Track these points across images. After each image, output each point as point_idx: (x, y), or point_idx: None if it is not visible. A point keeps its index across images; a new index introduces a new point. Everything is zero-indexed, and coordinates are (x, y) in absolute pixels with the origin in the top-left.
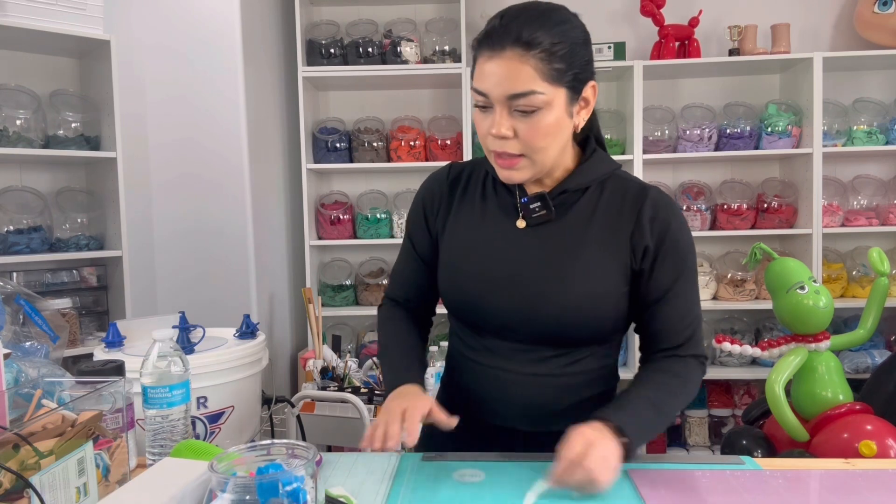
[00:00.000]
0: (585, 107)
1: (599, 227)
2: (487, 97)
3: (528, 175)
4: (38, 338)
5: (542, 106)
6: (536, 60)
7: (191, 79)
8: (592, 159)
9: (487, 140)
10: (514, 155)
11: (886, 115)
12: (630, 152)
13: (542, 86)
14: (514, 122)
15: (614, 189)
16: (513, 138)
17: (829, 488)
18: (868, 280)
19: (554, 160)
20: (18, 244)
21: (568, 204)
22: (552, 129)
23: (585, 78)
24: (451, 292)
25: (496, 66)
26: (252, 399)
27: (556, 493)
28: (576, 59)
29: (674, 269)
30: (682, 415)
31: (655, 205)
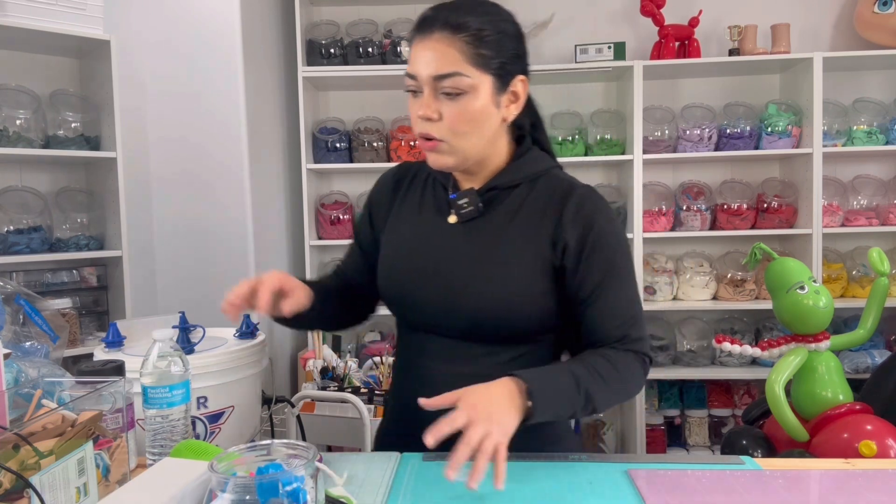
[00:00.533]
0: (515, 101)
1: (522, 224)
2: (416, 79)
3: (452, 161)
4: (38, 338)
5: (468, 90)
6: (462, 44)
7: (191, 79)
8: (526, 157)
9: (416, 123)
10: (436, 138)
11: (886, 115)
12: (630, 152)
13: (468, 69)
14: (440, 104)
15: (544, 187)
16: (438, 121)
17: (829, 488)
18: (868, 280)
19: (479, 150)
20: (18, 244)
21: (497, 200)
22: (476, 116)
23: (514, 70)
24: (385, 286)
25: (424, 49)
26: (252, 399)
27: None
28: (503, 48)
29: (600, 268)
30: (682, 415)
31: (580, 202)
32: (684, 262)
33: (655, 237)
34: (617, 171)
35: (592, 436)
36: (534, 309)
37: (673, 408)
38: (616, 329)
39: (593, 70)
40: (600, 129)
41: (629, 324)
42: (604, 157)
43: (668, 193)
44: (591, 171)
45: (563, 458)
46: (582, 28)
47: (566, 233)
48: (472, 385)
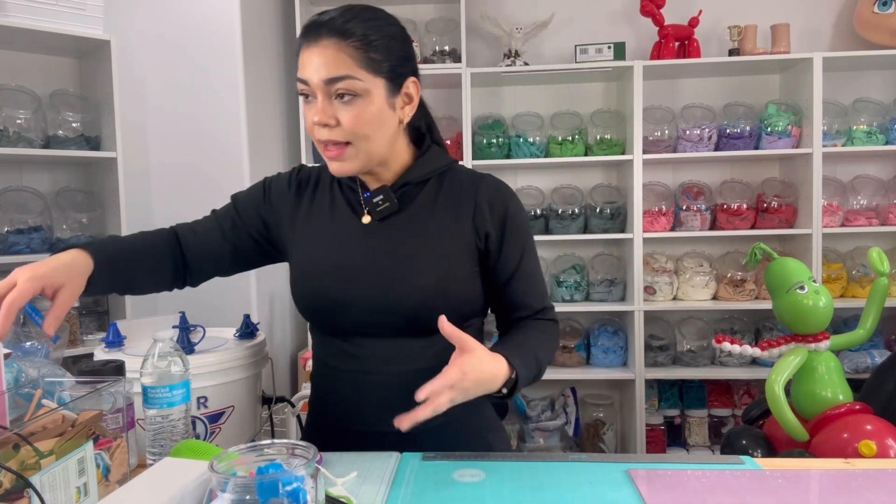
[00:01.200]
0: (409, 102)
1: (442, 214)
2: (308, 85)
3: (356, 166)
4: (38, 338)
5: (361, 93)
6: (352, 48)
7: (191, 79)
8: (429, 153)
9: (314, 131)
10: (341, 143)
11: (886, 115)
12: (630, 152)
13: (359, 72)
14: (335, 110)
15: (452, 180)
16: (336, 126)
17: (829, 488)
18: (868, 280)
19: (382, 152)
20: (18, 244)
21: (410, 196)
22: (374, 119)
23: (405, 73)
24: (308, 297)
25: (314, 55)
26: (252, 399)
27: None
28: (392, 52)
29: (518, 247)
30: (682, 415)
31: (491, 191)
32: (684, 262)
33: (655, 237)
34: (617, 171)
35: (592, 436)
36: (466, 293)
37: (673, 408)
38: (536, 301)
39: (593, 70)
40: (600, 129)
41: (544, 295)
42: (604, 157)
43: (668, 193)
44: (591, 171)
45: (563, 458)
46: (582, 28)
47: (486, 220)
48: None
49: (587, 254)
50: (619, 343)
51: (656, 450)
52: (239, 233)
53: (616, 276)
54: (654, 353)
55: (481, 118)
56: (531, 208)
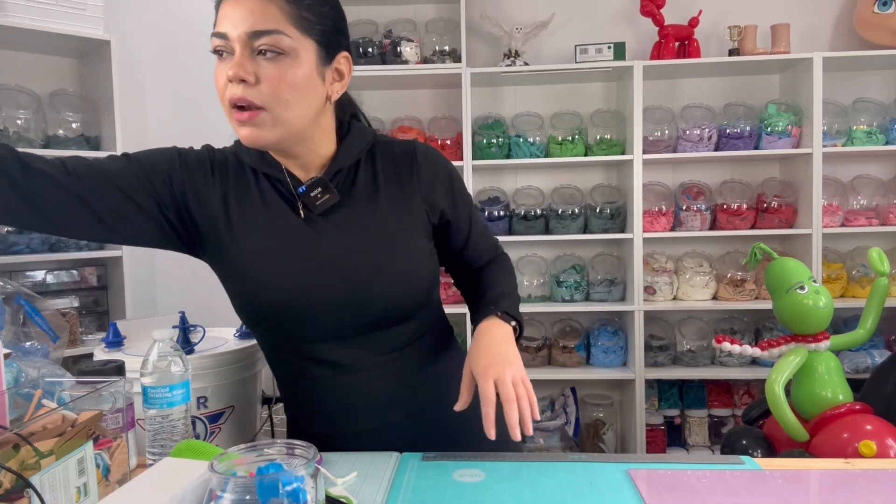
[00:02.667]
0: (340, 80)
1: (387, 193)
2: (227, 39)
3: (272, 136)
4: (38, 338)
5: (289, 51)
6: (283, 2)
7: (191, 79)
8: (352, 132)
9: (226, 89)
10: (255, 106)
11: (886, 115)
12: (630, 152)
13: (289, 29)
14: (256, 66)
15: (383, 155)
16: (255, 85)
17: (829, 488)
18: (868, 280)
19: (301, 125)
20: (18, 244)
21: (347, 182)
22: (300, 83)
23: (338, 44)
24: (266, 311)
25: (239, 5)
26: (252, 399)
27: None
28: (326, 17)
29: (466, 211)
30: (682, 415)
31: (429, 161)
32: (684, 262)
33: (655, 237)
34: (617, 171)
35: (592, 436)
36: (429, 270)
37: (673, 408)
38: (491, 252)
39: (593, 70)
40: (600, 129)
41: (494, 246)
42: (604, 157)
43: (668, 193)
44: (591, 171)
45: (564, 458)
46: (582, 28)
47: (435, 195)
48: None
49: (587, 254)
50: (619, 343)
51: (656, 450)
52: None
53: (616, 276)
54: (654, 353)
55: (481, 118)
56: (531, 208)
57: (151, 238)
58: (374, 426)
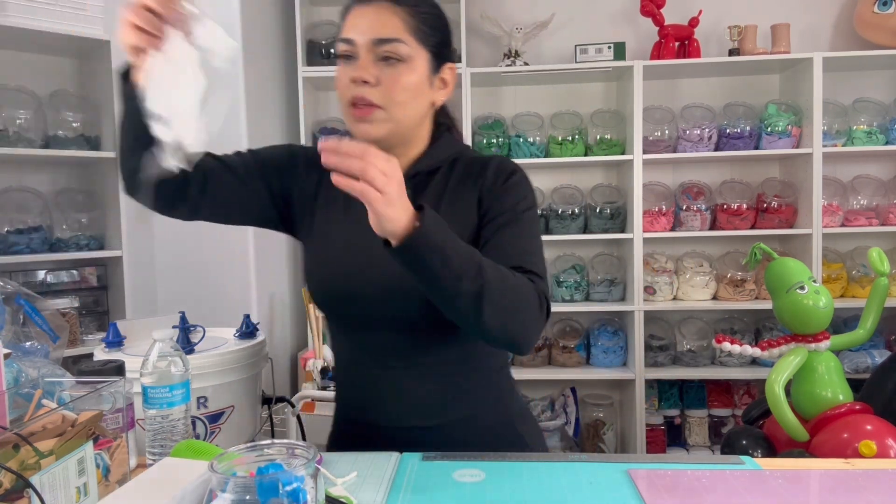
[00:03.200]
0: (444, 87)
1: (450, 202)
2: (353, 44)
3: (382, 131)
4: (38, 338)
5: (406, 59)
6: (404, 14)
7: None
8: (442, 140)
9: (348, 89)
10: (373, 105)
11: (886, 115)
12: (630, 152)
13: (408, 38)
14: (378, 70)
15: (463, 166)
16: (375, 86)
17: (829, 488)
18: (868, 280)
19: (409, 126)
20: (18, 244)
21: (421, 186)
22: (413, 87)
23: (446, 55)
24: (324, 287)
25: (366, 15)
26: (252, 399)
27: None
28: (438, 29)
29: (504, 209)
30: (682, 415)
31: (499, 165)
32: (684, 262)
33: (655, 237)
34: (617, 171)
35: (592, 436)
36: None
37: (673, 408)
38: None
39: (593, 70)
40: (600, 129)
41: (526, 258)
42: (604, 157)
43: (668, 193)
44: (591, 171)
45: (564, 458)
46: (582, 28)
47: (486, 186)
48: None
49: (587, 254)
50: (619, 343)
51: (656, 450)
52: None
53: (616, 276)
54: (654, 353)
55: (481, 118)
56: None
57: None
58: (403, 424)
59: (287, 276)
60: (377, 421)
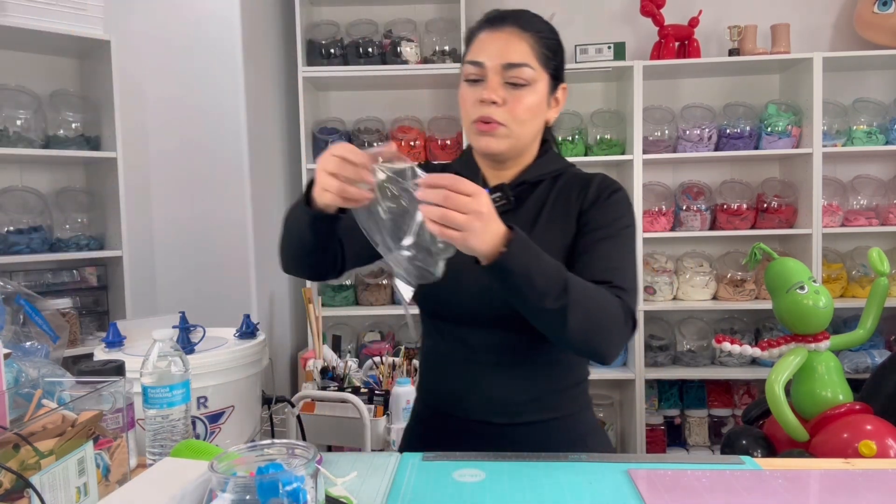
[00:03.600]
0: (556, 106)
1: (550, 213)
2: (483, 67)
3: (504, 146)
4: (38, 338)
5: (531, 82)
6: (531, 39)
7: (191, 79)
8: (547, 156)
9: (475, 108)
10: (498, 123)
11: (886, 115)
12: (630, 152)
13: (534, 63)
14: (504, 92)
15: (566, 182)
16: (501, 106)
17: (829, 488)
18: (868, 280)
19: (527, 142)
20: (18, 244)
21: (525, 195)
22: (534, 108)
23: (560, 77)
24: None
25: (496, 40)
26: (252, 399)
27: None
28: (557, 54)
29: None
30: (682, 415)
31: (601, 182)
32: (684, 262)
33: (655, 237)
34: (617, 171)
35: None
36: None
37: (673, 408)
38: (601, 274)
39: (593, 70)
40: (600, 129)
41: (616, 273)
42: (604, 157)
43: (668, 193)
44: (591, 171)
45: (564, 458)
46: (582, 28)
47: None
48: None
49: None
50: None
51: (656, 450)
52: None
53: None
54: (654, 353)
55: None
56: None
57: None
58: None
59: (287, 276)
60: (463, 414)
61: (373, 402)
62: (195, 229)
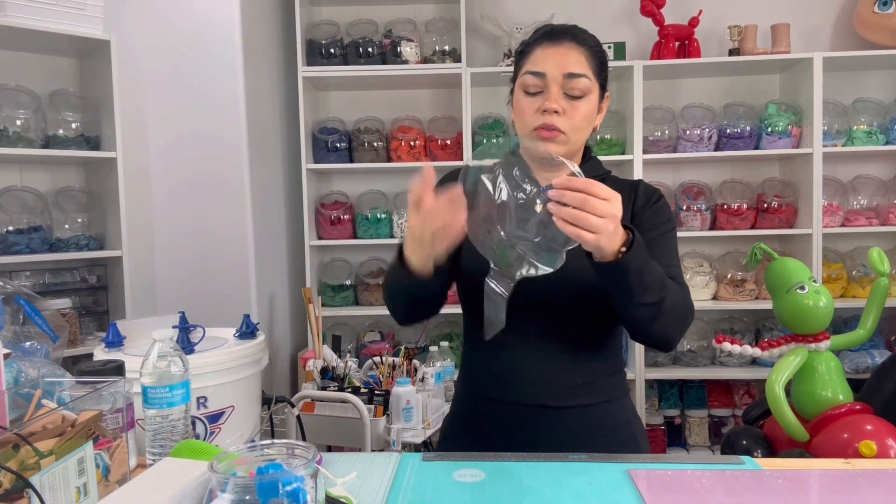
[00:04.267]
0: (601, 113)
1: None
2: (544, 78)
3: (563, 151)
4: (38, 338)
5: (587, 92)
6: (588, 52)
7: (191, 79)
8: (592, 160)
9: (535, 117)
10: (558, 130)
11: (886, 115)
12: (630, 152)
13: (590, 73)
14: (564, 103)
15: (611, 184)
16: (562, 115)
17: (829, 488)
18: (868, 280)
19: (580, 146)
20: (18, 244)
21: None
22: (588, 115)
23: (606, 87)
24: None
25: (557, 54)
26: (252, 399)
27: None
28: (605, 66)
29: (656, 227)
30: (682, 415)
31: (648, 188)
32: (684, 262)
33: None
34: (617, 171)
35: None
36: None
37: (673, 408)
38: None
39: None
40: (600, 129)
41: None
42: (604, 157)
43: (668, 193)
44: None
45: (564, 458)
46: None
47: (638, 204)
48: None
49: None
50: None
51: (656, 450)
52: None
53: None
54: (654, 352)
55: (481, 118)
56: None
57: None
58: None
59: (287, 276)
60: (516, 399)
61: (373, 402)
62: (195, 229)
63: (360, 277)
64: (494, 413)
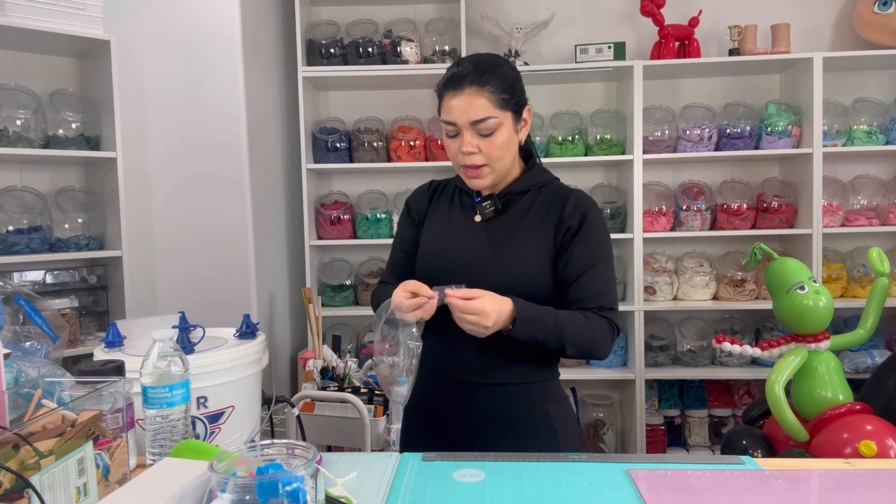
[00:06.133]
0: (525, 125)
1: (531, 220)
2: (456, 125)
3: (490, 181)
4: (38, 338)
5: (497, 127)
6: (489, 93)
7: (191, 79)
8: (533, 170)
9: (458, 158)
10: (480, 165)
11: (886, 115)
12: (630, 152)
13: (495, 112)
14: (478, 141)
15: (549, 193)
16: (478, 153)
17: (829, 488)
18: (868, 280)
19: (508, 168)
20: (18, 244)
21: (512, 203)
22: (505, 144)
23: (523, 103)
24: (424, 271)
25: (460, 101)
26: (252, 399)
27: (563, 487)
28: (514, 90)
29: (588, 253)
30: (682, 415)
31: (577, 201)
32: (684, 262)
33: (655, 237)
34: (617, 171)
35: (592, 436)
36: (540, 287)
37: (673, 408)
38: (594, 301)
39: (593, 70)
40: (600, 129)
41: (605, 298)
42: (604, 157)
43: (668, 193)
44: (591, 171)
45: (564, 458)
46: (582, 28)
47: (568, 218)
48: (491, 298)
49: None
50: (620, 343)
51: (656, 450)
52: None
53: (616, 276)
54: (654, 353)
55: None
56: None
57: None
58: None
59: (287, 276)
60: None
61: (373, 402)
62: (195, 229)
63: (360, 277)
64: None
